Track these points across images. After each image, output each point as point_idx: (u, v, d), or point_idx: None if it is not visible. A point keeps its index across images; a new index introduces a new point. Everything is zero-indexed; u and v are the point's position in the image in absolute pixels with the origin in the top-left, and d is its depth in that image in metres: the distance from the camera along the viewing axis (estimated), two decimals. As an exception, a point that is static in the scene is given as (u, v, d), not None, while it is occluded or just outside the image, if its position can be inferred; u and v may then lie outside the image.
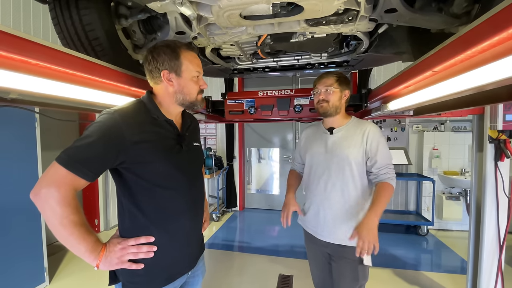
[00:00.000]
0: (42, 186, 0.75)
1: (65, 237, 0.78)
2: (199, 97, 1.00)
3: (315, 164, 1.42)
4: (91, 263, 0.82)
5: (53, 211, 0.76)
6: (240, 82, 4.69)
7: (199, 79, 0.99)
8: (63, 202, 0.75)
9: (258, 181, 5.02)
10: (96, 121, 0.83)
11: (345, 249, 1.32)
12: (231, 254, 3.25)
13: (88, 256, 0.81)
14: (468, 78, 0.70)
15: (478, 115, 1.84)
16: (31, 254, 2.36)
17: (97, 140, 0.79)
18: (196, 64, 0.97)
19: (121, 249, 0.87)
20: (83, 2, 1.02)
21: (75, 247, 0.79)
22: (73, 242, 0.78)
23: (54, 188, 0.75)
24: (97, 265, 0.83)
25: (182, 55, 0.93)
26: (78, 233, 0.78)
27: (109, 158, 0.82)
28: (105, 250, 0.84)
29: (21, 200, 2.27)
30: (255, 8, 1.02)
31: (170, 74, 0.93)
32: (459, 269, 2.80)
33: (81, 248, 0.79)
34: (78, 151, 0.78)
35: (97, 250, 0.82)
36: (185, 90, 0.95)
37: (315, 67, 1.85)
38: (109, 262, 0.85)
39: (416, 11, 0.99)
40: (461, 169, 3.72)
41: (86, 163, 0.78)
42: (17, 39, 0.62)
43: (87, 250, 0.80)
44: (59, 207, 0.75)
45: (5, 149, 2.18)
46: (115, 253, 0.86)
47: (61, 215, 0.75)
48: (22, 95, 0.88)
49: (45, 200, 0.75)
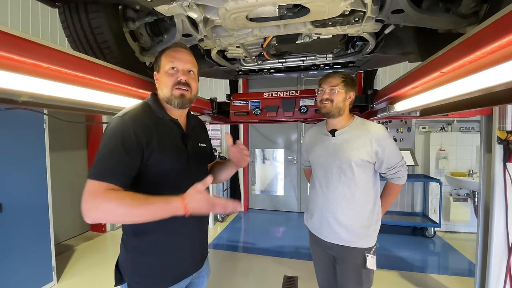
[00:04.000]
0: (86, 203, 0.75)
1: (139, 214, 0.76)
2: (175, 91, 0.95)
3: (318, 167, 1.42)
4: (178, 213, 0.77)
5: (108, 211, 0.75)
6: (245, 83, 4.70)
7: (176, 73, 0.95)
8: (108, 198, 0.75)
9: (262, 182, 5.02)
10: (109, 128, 0.85)
11: (348, 251, 1.31)
12: (236, 255, 3.25)
13: (169, 208, 0.77)
14: (477, 80, 0.70)
15: (486, 115, 1.82)
16: (39, 253, 2.40)
17: (115, 146, 0.81)
18: (172, 56, 0.95)
19: (197, 192, 0.79)
20: (92, 6, 1.04)
21: (152, 213, 0.77)
22: (148, 210, 0.76)
23: (94, 197, 0.75)
24: (185, 210, 0.77)
25: (165, 52, 0.98)
26: (141, 202, 0.76)
27: (133, 158, 0.84)
28: (184, 198, 0.78)
29: (30, 199, 2.31)
30: (261, 10, 1.03)
31: (156, 73, 1.00)
32: (466, 271, 2.76)
33: (157, 208, 0.76)
34: (102, 162, 0.80)
35: (174, 200, 0.77)
36: (161, 84, 0.98)
37: (320, 68, 1.84)
38: (198, 205, 0.78)
39: (423, 11, 0.98)
40: (468, 170, 3.66)
41: (113, 170, 0.80)
42: (28, 43, 0.63)
43: (163, 205, 0.77)
44: (108, 203, 0.74)
45: (15, 150, 2.22)
46: (196, 196, 0.79)
47: (116, 205, 0.74)
48: (33, 97, 0.89)
49: (96, 210, 0.75)
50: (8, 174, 2.16)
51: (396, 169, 1.31)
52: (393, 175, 1.34)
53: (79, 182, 3.81)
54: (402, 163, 1.33)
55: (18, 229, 2.22)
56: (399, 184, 1.37)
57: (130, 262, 0.95)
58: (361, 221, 1.31)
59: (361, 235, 1.31)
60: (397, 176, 1.34)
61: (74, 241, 3.58)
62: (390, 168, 1.31)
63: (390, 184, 1.40)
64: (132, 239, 0.94)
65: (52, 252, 2.50)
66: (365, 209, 1.32)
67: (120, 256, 0.99)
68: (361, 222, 1.31)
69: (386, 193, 1.43)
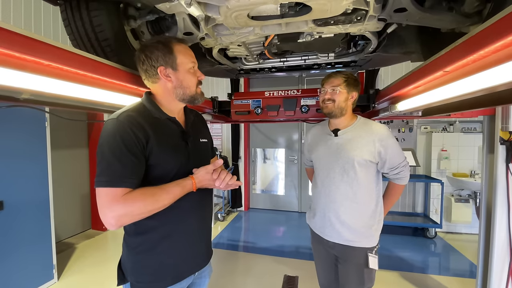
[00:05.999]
0: (110, 212, 0.78)
1: (159, 206, 0.84)
2: (198, 89, 0.98)
3: (320, 167, 1.41)
4: (189, 190, 0.91)
5: (134, 214, 0.81)
6: (246, 82, 4.69)
7: (196, 70, 0.97)
8: (131, 202, 0.79)
9: (263, 181, 5.02)
10: (105, 132, 0.83)
11: (351, 251, 1.31)
12: (236, 254, 3.25)
13: (184, 191, 0.89)
14: (480, 79, 0.69)
15: (489, 116, 1.80)
16: (40, 251, 2.41)
17: (118, 149, 0.80)
18: (190, 55, 0.95)
19: (207, 173, 0.93)
20: (93, 4, 1.04)
21: (171, 199, 0.86)
22: (167, 200, 0.85)
23: (116, 204, 0.78)
24: (194, 189, 0.91)
25: (175, 48, 0.92)
26: (160, 195, 0.83)
27: (139, 157, 0.84)
28: (195, 179, 0.91)
29: (31, 197, 2.32)
30: (263, 8, 1.02)
31: (167, 70, 0.91)
32: (468, 273, 2.75)
33: (174, 194, 0.86)
34: (110, 167, 0.80)
35: (186, 183, 0.89)
36: (183, 83, 0.93)
37: (322, 67, 1.84)
38: (206, 183, 0.94)
39: (426, 10, 0.97)
40: (470, 171, 3.65)
41: (124, 174, 0.80)
42: (30, 40, 0.63)
43: (179, 189, 0.87)
44: (131, 207, 0.79)
45: (16, 147, 2.23)
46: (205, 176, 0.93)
47: (140, 206, 0.80)
48: (34, 95, 0.89)
49: (121, 217, 0.79)
50: (9, 172, 2.17)
51: (398, 169, 1.31)
52: (396, 175, 1.33)
53: (80, 180, 3.83)
54: (404, 164, 1.32)
55: (19, 227, 2.23)
56: (401, 184, 1.37)
57: (132, 262, 0.94)
58: (364, 220, 1.31)
59: (364, 234, 1.30)
60: (400, 177, 1.34)
61: (75, 239, 3.59)
62: (393, 168, 1.30)
63: (392, 184, 1.40)
64: (134, 238, 0.94)
65: (53, 250, 2.51)
66: (367, 209, 1.31)
67: (122, 256, 0.99)
68: (363, 221, 1.31)
69: (388, 193, 1.43)
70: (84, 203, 3.89)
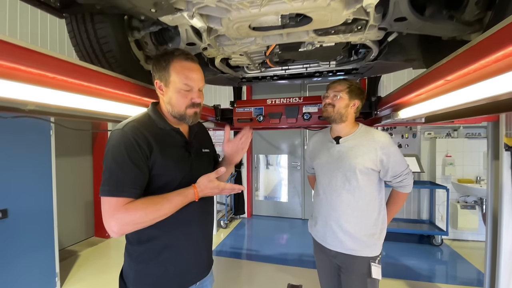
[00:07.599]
0: (112, 221, 0.79)
1: (161, 215, 0.84)
2: (189, 110, 0.94)
3: (322, 174, 1.41)
4: (191, 200, 0.90)
5: (135, 223, 0.81)
6: (248, 89, 4.72)
7: (189, 92, 0.93)
8: (132, 212, 0.80)
9: (266, 187, 5.00)
10: (111, 142, 0.85)
11: (353, 260, 1.29)
12: (239, 262, 3.22)
13: (186, 200, 0.89)
14: (482, 88, 0.69)
15: (493, 122, 1.79)
16: (43, 258, 2.41)
17: (122, 160, 0.82)
18: (185, 76, 0.91)
19: (210, 181, 0.92)
20: (98, 17, 1.06)
21: (173, 208, 0.86)
22: (169, 210, 0.85)
23: (117, 213, 0.79)
24: (196, 198, 0.90)
25: (172, 65, 0.90)
26: (162, 204, 0.84)
27: (142, 168, 0.85)
28: (196, 187, 0.91)
29: (35, 205, 2.33)
30: (264, 19, 1.04)
31: (161, 84, 0.94)
32: (475, 281, 2.69)
33: (176, 204, 0.86)
34: (113, 177, 0.81)
35: (188, 192, 0.89)
36: (171, 101, 0.93)
37: (323, 75, 1.85)
38: (209, 192, 0.92)
39: (426, 19, 0.97)
40: (476, 177, 3.60)
41: (126, 184, 0.81)
42: (34, 53, 0.65)
43: (181, 199, 0.87)
44: (132, 216, 0.80)
45: (20, 155, 2.24)
46: (208, 185, 0.91)
47: (141, 215, 0.81)
48: (39, 106, 0.91)
49: (122, 226, 0.80)
50: (13, 180, 2.19)
51: (401, 177, 1.30)
52: (399, 183, 1.32)
53: (83, 187, 3.84)
54: (407, 171, 1.31)
55: (23, 234, 2.24)
56: (405, 192, 1.36)
57: (134, 271, 0.94)
58: (366, 229, 1.29)
59: (366, 243, 1.29)
60: (403, 184, 1.32)
61: (78, 247, 3.59)
62: (396, 176, 1.29)
63: (395, 192, 1.39)
64: (136, 247, 0.94)
65: (56, 258, 2.51)
66: (370, 217, 1.30)
67: (124, 265, 0.99)
68: (365, 230, 1.29)
69: (391, 201, 1.41)
70: (87, 211, 3.90)
